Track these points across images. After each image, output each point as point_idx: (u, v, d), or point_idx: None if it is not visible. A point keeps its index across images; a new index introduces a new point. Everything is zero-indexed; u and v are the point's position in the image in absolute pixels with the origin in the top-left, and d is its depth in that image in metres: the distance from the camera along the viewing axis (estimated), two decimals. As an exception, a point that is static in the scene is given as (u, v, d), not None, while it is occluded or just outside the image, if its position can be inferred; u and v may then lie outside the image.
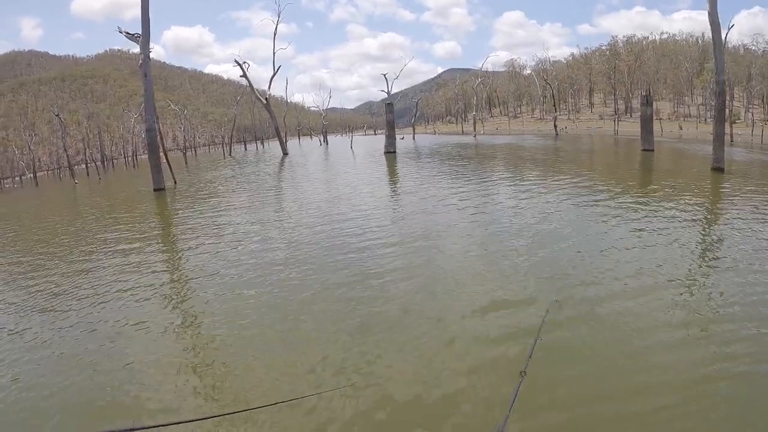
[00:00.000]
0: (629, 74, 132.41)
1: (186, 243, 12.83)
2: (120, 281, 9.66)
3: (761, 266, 8.49)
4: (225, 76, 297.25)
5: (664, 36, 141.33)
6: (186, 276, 9.86)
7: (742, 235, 10.57)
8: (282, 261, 10.08)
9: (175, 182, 29.75)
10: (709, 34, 26.59)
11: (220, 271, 9.79)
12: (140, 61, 28.13)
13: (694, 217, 12.56)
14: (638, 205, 14.21)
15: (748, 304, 6.94)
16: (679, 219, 12.26)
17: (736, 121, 76.26)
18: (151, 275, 9.94)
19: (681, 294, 7.43)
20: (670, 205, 14.05)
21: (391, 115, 44.79)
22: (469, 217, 13.35)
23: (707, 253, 9.68)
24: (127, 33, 28.69)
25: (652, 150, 33.47)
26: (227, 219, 15.81)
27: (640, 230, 11.18)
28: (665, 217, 12.42)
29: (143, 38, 27.64)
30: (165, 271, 10.53)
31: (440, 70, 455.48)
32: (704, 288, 7.83)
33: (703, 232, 11.41)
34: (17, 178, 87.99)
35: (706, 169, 22.19)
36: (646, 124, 35.33)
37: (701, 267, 8.90)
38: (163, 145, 29.91)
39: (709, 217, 13.02)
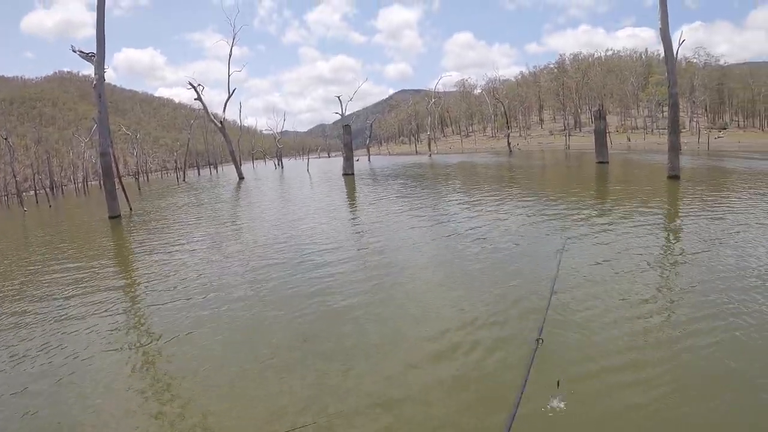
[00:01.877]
0: (577, 90, 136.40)
1: (147, 276, 12.22)
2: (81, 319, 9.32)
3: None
4: (177, 100, 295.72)
5: (610, 53, 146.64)
6: (147, 315, 9.21)
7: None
8: (243, 297, 9.51)
9: (131, 209, 29.23)
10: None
11: (178, 306, 9.32)
12: (94, 82, 27.44)
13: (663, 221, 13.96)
14: (606, 214, 15.23)
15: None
16: (648, 224, 13.23)
17: (682, 130, 79.93)
18: (110, 315, 9.20)
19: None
20: (639, 211, 15.03)
21: (348, 137, 45.01)
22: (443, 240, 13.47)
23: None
24: (81, 52, 27.84)
25: (607, 162, 34.75)
26: (187, 249, 15.34)
27: (610, 235, 11.89)
28: (635, 223, 13.41)
29: (98, 58, 26.86)
30: (127, 309, 9.88)
31: (392, 91, 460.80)
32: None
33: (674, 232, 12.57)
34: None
35: (662, 178, 23.71)
36: (600, 137, 36.60)
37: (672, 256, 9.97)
38: (117, 171, 29.44)
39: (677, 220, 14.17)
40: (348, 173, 42.33)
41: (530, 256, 10.61)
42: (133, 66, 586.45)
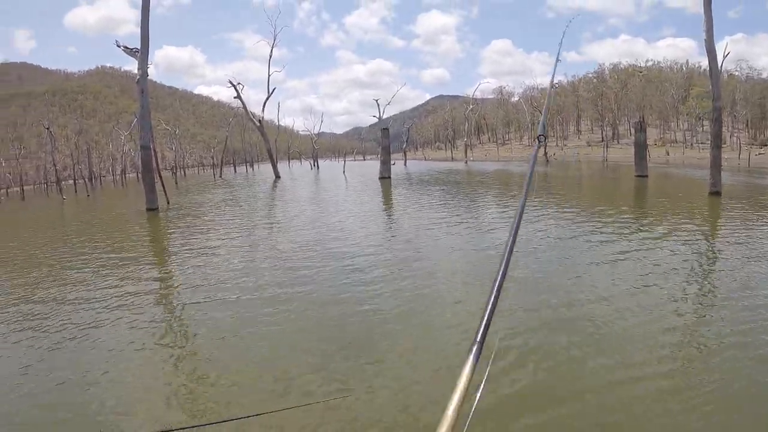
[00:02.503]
0: (616, 101, 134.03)
1: (182, 270, 12.13)
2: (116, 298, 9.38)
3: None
4: (215, 98, 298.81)
5: (649, 63, 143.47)
6: (181, 305, 9.34)
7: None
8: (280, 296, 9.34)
9: (169, 202, 29.30)
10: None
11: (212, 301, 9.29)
12: (137, 78, 27.70)
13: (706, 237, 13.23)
14: (648, 229, 14.39)
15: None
16: (692, 240, 12.75)
17: (722, 146, 77.53)
18: (145, 300, 9.54)
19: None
20: (683, 228, 14.31)
21: (387, 141, 44.51)
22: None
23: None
24: (126, 47, 28.18)
25: (646, 176, 33.64)
26: (223, 245, 15.28)
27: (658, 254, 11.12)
28: (679, 239, 12.85)
29: (142, 53, 27.21)
30: (159, 296, 10.05)
31: (428, 96, 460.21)
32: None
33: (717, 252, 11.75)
34: (3, 191, 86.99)
35: (703, 193, 22.71)
36: (640, 150, 35.48)
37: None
38: (157, 165, 29.53)
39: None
40: (385, 177, 41.92)
41: (574, 271, 10.11)
42: (173, 63, 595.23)
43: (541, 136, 2.64)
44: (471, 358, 1.35)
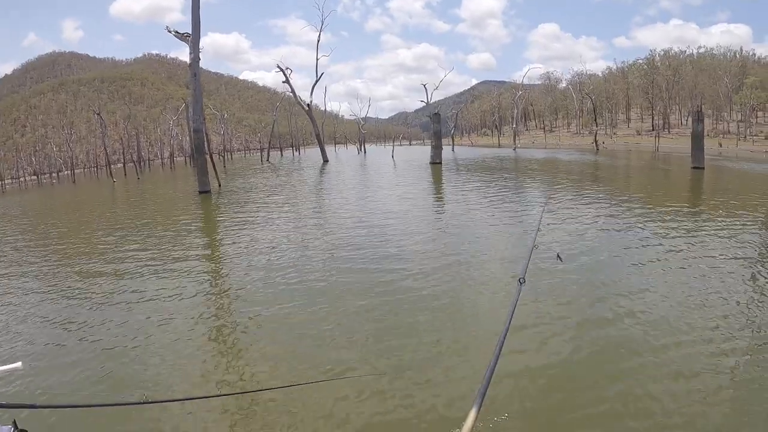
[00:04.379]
0: (667, 89, 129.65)
1: (235, 249, 12.31)
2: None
3: None
4: (260, 83, 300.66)
5: (702, 50, 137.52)
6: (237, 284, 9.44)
7: None
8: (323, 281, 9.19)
9: (220, 185, 29.15)
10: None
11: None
12: (189, 62, 27.75)
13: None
14: (718, 227, 12.70)
15: None
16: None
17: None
18: (202, 280, 9.73)
19: None
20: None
21: (438, 126, 43.54)
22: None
23: None
24: (177, 32, 28.45)
25: (703, 168, 31.72)
26: (275, 226, 15.22)
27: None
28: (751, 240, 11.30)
29: (193, 38, 27.33)
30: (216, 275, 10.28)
31: (474, 81, 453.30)
32: None
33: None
34: (54, 175, 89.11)
35: (764, 188, 21.36)
36: (697, 141, 33.49)
37: None
38: (209, 147, 29.34)
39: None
40: (436, 162, 41.04)
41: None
42: (218, 50, 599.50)
43: (522, 278, 2.77)
44: (474, 409, 1.52)
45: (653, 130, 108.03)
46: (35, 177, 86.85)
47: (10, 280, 10.68)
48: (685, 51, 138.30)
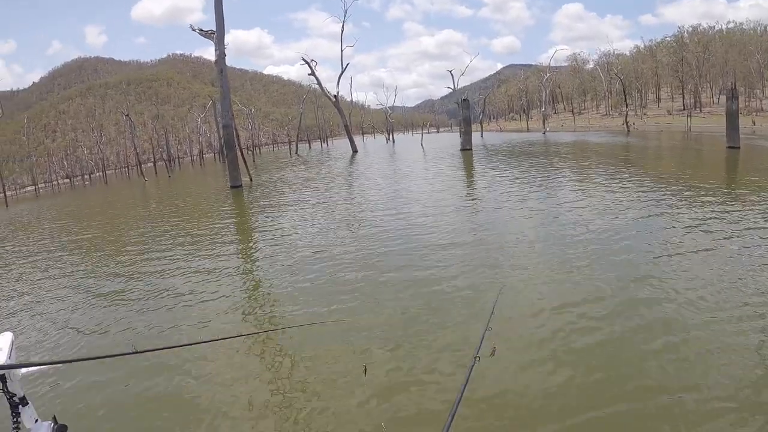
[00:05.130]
0: (698, 67, 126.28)
1: (270, 243, 12.28)
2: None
3: None
4: (285, 77, 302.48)
5: (731, 25, 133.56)
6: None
7: None
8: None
9: (251, 180, 29.09)
10: None
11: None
12: (215, 59, 27.85)
13: None
14: None
15: None
16: None
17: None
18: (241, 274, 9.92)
19: None
20: None
21: (467, 112, 42.92)
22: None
23: None
24: (201, 30, 28.70)
25: (738, 147, 30.40)
26: (308, 220, 14.94)
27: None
28: None
29: (218, 35, 27.46)
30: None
31: (500, 65, 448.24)
32: None
33: None
34: (86, 177, 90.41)
35: None
36: (732, 119, 32.19)
37: None
38: (239, 143, 29.23)
39: None
40: (466, 148, 40.39)
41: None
42: (241, 46, 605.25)
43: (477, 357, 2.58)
44: None
45: (684, 109, 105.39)
46: (68, 180, 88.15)
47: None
48: (714, 27, 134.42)
